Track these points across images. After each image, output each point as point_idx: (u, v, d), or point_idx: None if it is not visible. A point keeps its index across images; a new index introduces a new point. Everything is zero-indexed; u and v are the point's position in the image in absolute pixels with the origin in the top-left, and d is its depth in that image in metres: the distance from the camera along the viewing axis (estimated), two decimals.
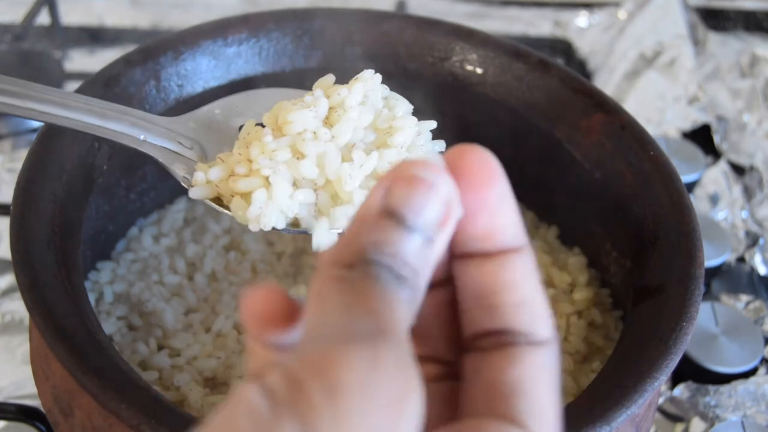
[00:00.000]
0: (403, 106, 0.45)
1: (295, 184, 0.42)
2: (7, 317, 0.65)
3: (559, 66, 0.58)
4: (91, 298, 0.53)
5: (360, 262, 0.21)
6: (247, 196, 0.42)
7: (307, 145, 0.41)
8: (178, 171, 0.45)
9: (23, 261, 0.42)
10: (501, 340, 0.23)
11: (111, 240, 0.59)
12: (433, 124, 0.45)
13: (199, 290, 0.57)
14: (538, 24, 1.02)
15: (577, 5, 1.03)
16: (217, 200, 0.44)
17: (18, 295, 0.54)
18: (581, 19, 1.02)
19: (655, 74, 0.90)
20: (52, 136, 0.48)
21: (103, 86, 0.51)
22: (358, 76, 0.44)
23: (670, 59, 0.91)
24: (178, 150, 0.46)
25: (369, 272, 0.21)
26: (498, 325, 0.23)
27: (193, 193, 0.44)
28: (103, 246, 0.58)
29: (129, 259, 0.58)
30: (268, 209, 0.41)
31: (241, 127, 0.46)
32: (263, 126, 0.45)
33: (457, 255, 0.24)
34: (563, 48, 1.00)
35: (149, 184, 0.61)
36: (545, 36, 1.01)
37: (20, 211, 0.44)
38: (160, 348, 0.52)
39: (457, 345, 0.25)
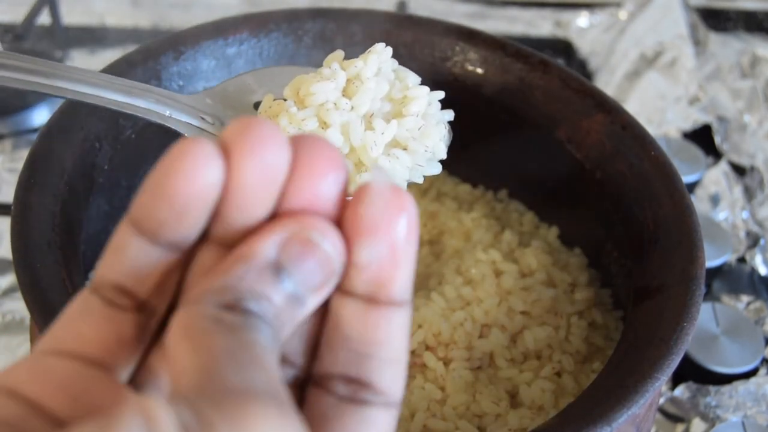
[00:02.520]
0: (412, 77, 0.46)
1: None
2: (8, 317, 0.65)
3: (560, 66, 0.58)
4: None
5: (240, 308, 0.21)
6: None
7: (331, 115, 0.43)
8: None
9: (24, 261, 0.42)
10: (359, 395, 0.23)
11: None
12: (441, 94, 0.46)
13: None
14: (538, 24, 1.02)
15: (578, 5, 1.03)
16: None
17: (18, 295, 0.54)
18: (582, 19, 1.02)
19: (655, 74, 0.90)
20: (52, 136, 0.48)
21: None
22: (370, 49, 0.45)
23: (670, 59, 0.91)
24: (201, 125, 0.47)
25: (251, 323, 0.21)
26: (362, 376, 0.23)
27: None
28: (104, 246, 0.58)
29: None
30: None
31: (256, 105, 0.48)
32: (282, 101, 0.46)
33: (341, 288, 0.23)
34: (564, 48, 1.00)
35: None
36: (545, 36, 1.01)
37: (20, 210, 0.44)
38: None
39: (307, 360, 0.24)
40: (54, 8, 0.92)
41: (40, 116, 0.80)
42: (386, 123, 0.44)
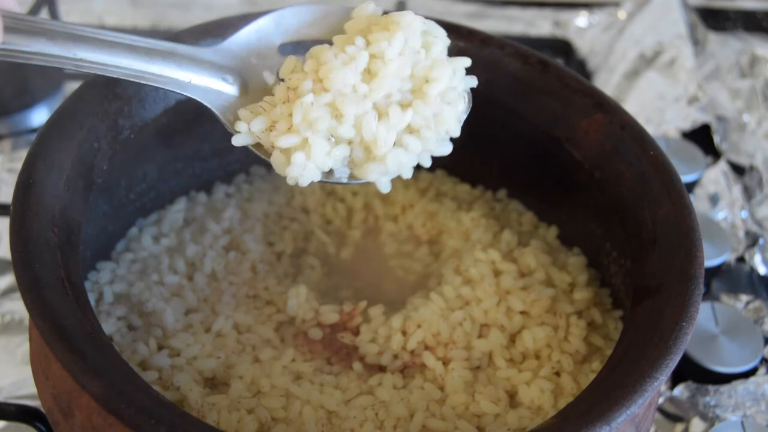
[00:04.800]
0: (440, 44, 0.47)
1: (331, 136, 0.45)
2: (7, 317, 0.65)
3: (559, 66, 0.58)
4: (91, 298, 0.53)
5: None
6: (286, 152, 0.44)
7: (346, 105, 0.44)
8: (222, 117, 0.47)
9: (23, 261, 0.42)
10: None
11: (111, 240, 0.59)
12: (468, 62, 0.47)
13: (199, 290, 0.57)
14: (538, 24, 1.02)
15: (577, 5, 1.03)
16: (258, 146, 0.47)
17: (18, 295, 0.54)
18: (581, 19, 1.02)
19: (654, 74, 0.90)
20: (51, 137, 0.48)
21: (103, 86, 0.51)
22: (398, 20, 0.45)
23: (669, 59, 0.91)
24: (221, 89, 0.47)
25: None
26: None
27: (235, 141, 0.46)
28: (103, 246, 0.58)
29: (129, 259, 0.58)
30: (307, 169, 0.44)
31: (280, 47, 0.49)
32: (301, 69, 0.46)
33: None
34: (563, 48, 1.00)
35: (149, 184, 0.60)
36: (545, 36, 1.01)
37: (20, 211, 0.44)
38: (160, 348, 0.52)
39: None
40: (53, 8, 0.92)
41: (40, 117, 0.80)
42: (403, 108, 0.44)
